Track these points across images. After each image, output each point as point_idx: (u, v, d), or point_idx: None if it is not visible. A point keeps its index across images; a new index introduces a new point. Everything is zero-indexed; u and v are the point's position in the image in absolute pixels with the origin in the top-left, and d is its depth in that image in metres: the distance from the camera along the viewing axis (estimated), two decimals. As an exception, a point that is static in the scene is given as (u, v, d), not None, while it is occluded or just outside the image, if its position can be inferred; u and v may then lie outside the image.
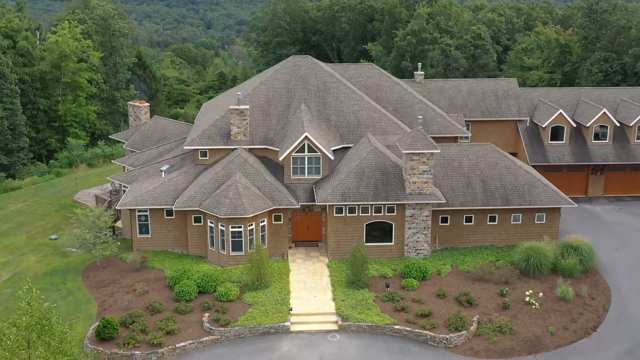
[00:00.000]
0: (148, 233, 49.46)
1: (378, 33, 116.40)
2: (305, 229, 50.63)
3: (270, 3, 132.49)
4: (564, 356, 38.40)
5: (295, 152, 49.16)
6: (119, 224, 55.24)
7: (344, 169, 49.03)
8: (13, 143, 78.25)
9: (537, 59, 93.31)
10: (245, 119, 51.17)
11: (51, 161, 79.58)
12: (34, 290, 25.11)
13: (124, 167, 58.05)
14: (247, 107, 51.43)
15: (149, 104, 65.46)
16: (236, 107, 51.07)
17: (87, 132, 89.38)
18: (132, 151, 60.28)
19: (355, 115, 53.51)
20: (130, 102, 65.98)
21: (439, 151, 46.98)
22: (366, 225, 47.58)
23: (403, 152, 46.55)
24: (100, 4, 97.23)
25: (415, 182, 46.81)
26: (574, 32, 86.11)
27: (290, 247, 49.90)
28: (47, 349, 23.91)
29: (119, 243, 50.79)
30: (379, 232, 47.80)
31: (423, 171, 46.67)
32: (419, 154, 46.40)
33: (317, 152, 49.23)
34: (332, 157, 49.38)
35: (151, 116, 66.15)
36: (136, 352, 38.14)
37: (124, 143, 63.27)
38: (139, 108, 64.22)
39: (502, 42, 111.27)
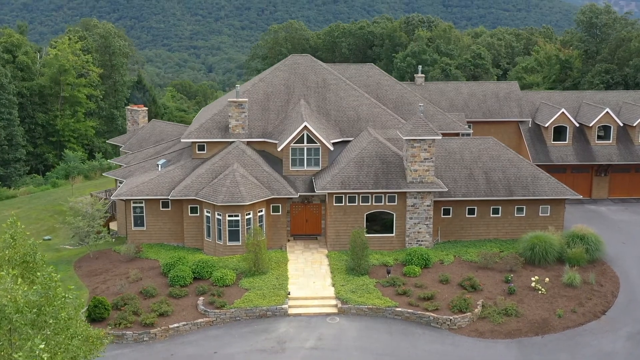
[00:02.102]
0: (143, 225, 48.24)
1: (378, 57, 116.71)
2: (304, 222, 49.45)
3: (270, 31, 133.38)
4: (573, 336, 36.91)
5: (294, 143, 48.31)
6: (113, 226, 54.00)
7: (344, 159, 48.11)
8: (9, 154, 77.43)
9: (538, 76, 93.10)
10: (244, 112, 50.44)
11: (48, 173, 78.67)
12: (19, 224, 23.95)
13: (120, 166, 57.12)
14: (246, 99, 50.78)
15: (147, 108, 64.80)
16: (234, 99, 50.42)
17: (85, 150, 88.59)
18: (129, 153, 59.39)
19: (355, 110, 52.83)
20: (128, 107, 65.38)
21: (440, 137, 46.09)
22: (367, 215, 46.36)
23: (404, 138, 45.67)
24: (101, 23, 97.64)
25: (416, 170, 45.81)
26: (574, 47, 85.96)
27: (288, 240, 48.66)
28: (30, 287, 22.59)
29: (113, 240, 49.54)
30: (380, 226, 46.58)
31: (424, 159, 45.72)
32: (420, 140, 45.51)
33: (316, 142, 48.37)
34: (331, 148, 48.49)
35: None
36: (127, 332, 36.72)
37: (121, 147, 62.45)
38: (137, 112, 63.56)
39: (502, 65, 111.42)
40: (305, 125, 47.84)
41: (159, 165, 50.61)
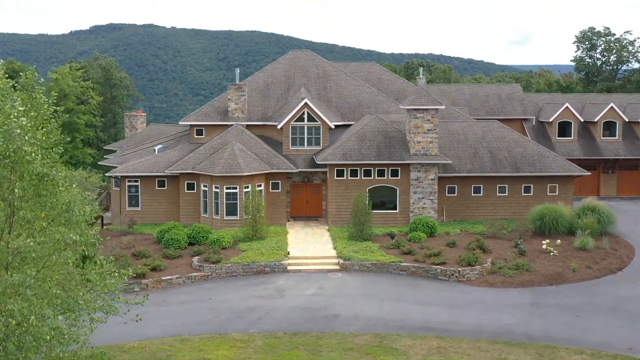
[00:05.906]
0: (138, 206, 46.70)
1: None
2: (305, 203, 47.84)
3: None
4: (589, 286, 34.87)
5: (295, 121, 47.31)
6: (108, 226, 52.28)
7: (346, 136, 46.97)
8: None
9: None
10: (243, 95, 49.64)
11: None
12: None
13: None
14: (245, 83, 50.13)
15: (145, 114, 64.03)
16: (234, 83, 49.74)
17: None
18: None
19: (356, 97, 52.05)
20: (126, 113, 64.61)
21: (443, 107, 45.11)
22: (370, 200, 44.33)
23: (406, 108, 44.67)
24: (103, 56, 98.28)
25: (419, 142, 44.59)
26: (575, 68, 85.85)
27: (288, 220, 46.95)
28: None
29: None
30: (382, 207, 44.97)
31: (428, 130, 44.59)
32: (422, 110, 44.49)
33: (317, 121, 47.38)
34: (332, 126, 47.44)
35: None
36: (117, 282, 34.63)
37: (118, 150, 61.28)
38: (136, 117, 62.63)
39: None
40: (306, 102, 47.01)
41: (156, 150, 49.41)
